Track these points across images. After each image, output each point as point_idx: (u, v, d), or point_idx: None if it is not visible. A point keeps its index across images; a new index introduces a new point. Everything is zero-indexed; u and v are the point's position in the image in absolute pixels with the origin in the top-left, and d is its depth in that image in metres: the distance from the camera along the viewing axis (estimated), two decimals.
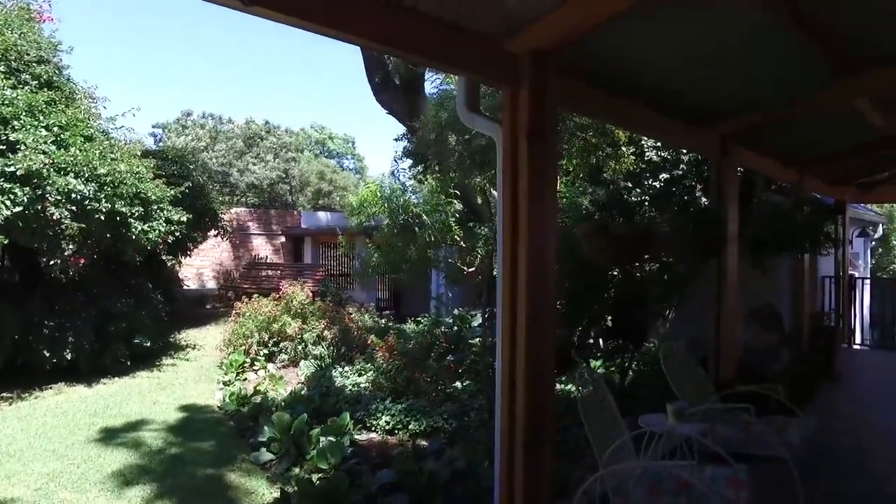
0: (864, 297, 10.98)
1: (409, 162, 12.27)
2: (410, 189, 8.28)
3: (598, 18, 2.61)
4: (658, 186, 7.55)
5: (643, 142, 7.70)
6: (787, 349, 6.67)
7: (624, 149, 5.92)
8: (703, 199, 6.87)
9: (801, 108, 4.54)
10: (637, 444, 4.18)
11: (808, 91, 4.40)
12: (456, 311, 10.26)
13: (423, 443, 5.58)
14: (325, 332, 9.55)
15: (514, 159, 2.81)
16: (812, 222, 6.02)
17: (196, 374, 9.08)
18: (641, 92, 3.93)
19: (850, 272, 9.69)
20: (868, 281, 11.31)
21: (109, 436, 6.13)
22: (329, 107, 67.42)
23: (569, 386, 7.00)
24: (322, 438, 5.25)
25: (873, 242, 14.69)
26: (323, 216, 21.33)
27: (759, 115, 4.65)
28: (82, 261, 9.71)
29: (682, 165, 7.65)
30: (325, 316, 10.06)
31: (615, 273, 5.61)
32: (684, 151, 7.68)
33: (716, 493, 2.83)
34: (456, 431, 5.71)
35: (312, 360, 8.82)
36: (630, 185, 7.52)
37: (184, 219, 9.40)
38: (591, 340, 7.97)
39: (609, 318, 6.65)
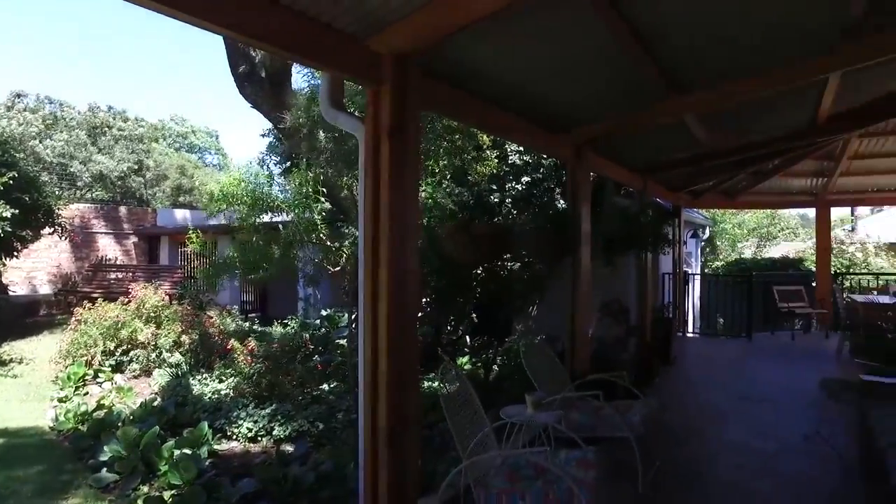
0: (695, 292, 12.38)
1: (276, 158, 11.84)
2: (278, 186, 7.98)
3: (458, 23, 2.68)
4: (520, 189, 7.96)
5: (507, 146, 8.07)
6: (633, 339, 7.34)
7: (488, 152, 6.14)
8: (561, 202, 7.35)
9: (641, 120, 4.99)
10: (500, 435, 4.38)
11: (647, 105, 4.87)
12: (324, 312, 10.05)
13: (289, 448, 5.40)
14: (183, 338, 8.90)
15: (376, 157, 2.81)
16: (654, 224, 6.67)
17: (23, 391, 7.99)
18: (502, 97, 4.12)
19: (684, 269, 10.87)
20: (698, 277, 12.75)
21: None
22: (191, 97, 63.06)
23: (437, 382, 7.14)
24: (176, 452, 4.88)
25: (702, 243, 16.61)
26: (182, 214, 19.81)
27: (606, 125, 5.07)
28: None
29: (542, 169, 8.12)
30: (183, 320, 9.37)
31: (480, 272, 5.83)
32: (545, 156, 8.18)
33: (567, 474, 3.02)
34: (323, 434, 5.60)
35: (168, 369, 8.17)
36: (494, 187, 7.85)
37: (7, 214, 8.26)
38: (459, 337, 8.22)
39: (475, 315, 6.89)
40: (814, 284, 11.03)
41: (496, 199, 7.01)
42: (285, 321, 10.63)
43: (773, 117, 6.64)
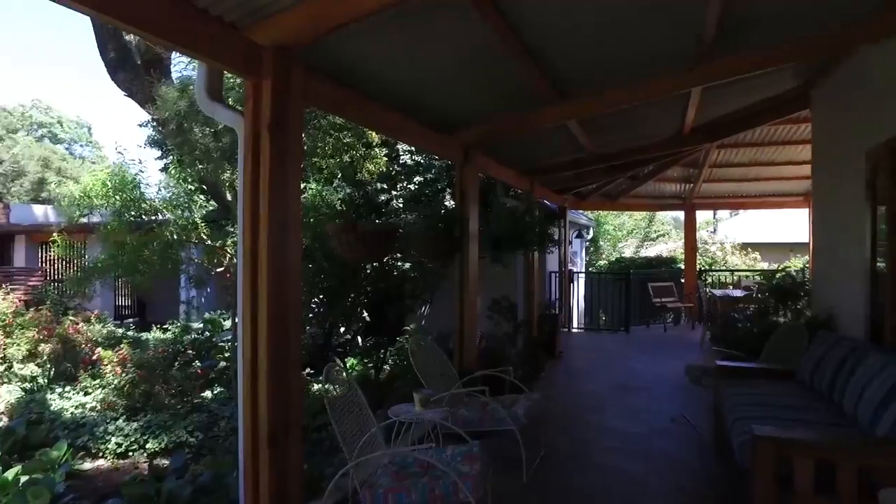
0: (580, 289, 13.08)
1: (157, 153, 10.99)
2: (157, 182, 7.43)
3: (343, 18, 2.64)
4: (412, 189, 8.00)
5: (398, 146, 8.08)
6: (520, 335, 7.62)
7: (377, 150, 6.11)
8: (452, 202, 7.47)
9: (527, 124, 5.19)
10: (389, 434, 4.37)
11: (532, 109, 5.08)
12: (207, 315, 9.52)
13: (164, 461, 5.05)
14: (41, 347, 8.04)
15: (256, 152, 2.69)
16: (541, 224, 6.96)
17: None
18: (390, 97, 4.11)
19: (569, 268, 11.44)
20: (582, 275, 13.48)
21: None
22: (60, 84, 57.26)
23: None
24: (23, 478, 4.35)
25: (587, 243, 17.59)
26: (42, 210, 17.83)
27: (493, 126, 5.21)
28: None
29: (433, 170, 8.21)
30: (42, 328, 8.46)
31: (369, 271, 5.79)
32: (436, 157, 8.27)
33: (453, 469, 3.07)
34: (204, 444, 5.30)
35: (19, 384, 7.33)
36: (384, 186, 7.82)
37: None
38: (351, 338, 8.11)
39: (366, 315, 6.83)
40: (682, 281, 12.04)
41: (385, 198, 6.99)
42: (166, 326, 9.95)
43: (646, 127, 7.17)
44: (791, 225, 17.86)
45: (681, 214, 18.10)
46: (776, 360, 5.23)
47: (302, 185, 6.37)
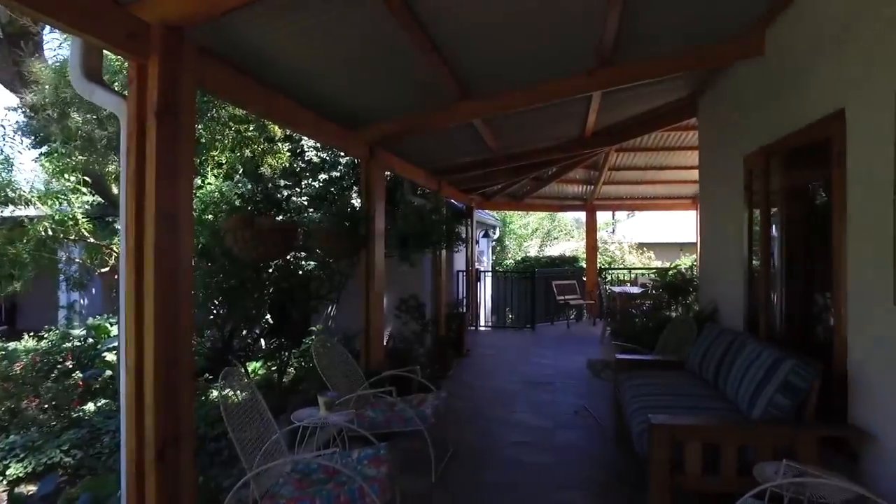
0: (487, 288, 13.30)
1: (29, 140, 9.92)
2: (35, 174, 6.68)
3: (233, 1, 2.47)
4: (317, 186, 7.77)
5: (303, 142, 7.82)
6: (428, 334, 7.61)
7: (280, 145, 5.85)
8: (359, 200, 7.32)
9: (433, 122, 5.17)
10: (294, 440, 4.19)
11: (438, 107, 5.06)
12: (91, 320, 8.74)
13: (31, 488, 4.52)
14: None
15: (142, 140, 2.45)
16: (448, 223, 6.98)
17: None
18: (292, 88, 3.93)
19: (476, 267, 11.60)
20: (489, 274, 13.73)
21: None
22: None
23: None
24: None
25: (493, 242, 17.96)
26: None
27: (399, 124, 5.14)
28: None
29: (339, 167, 8.02)
30: None
31: (273, 271, 5.54)
32: (342, 154, 8.08)
33: (359, 473, 2.97)
34: (83, 463, 4.82)
35: None
36: (288, 182, 7.54)
37: None
38: (254, 340, 7.73)
39: (270, 316, 6.53)
40: (584, 279, 12.56)
41: (286, 195, 6.71)
42: (41, 334, 9.02)
43: (551, 129, 7.39)
44: (681, 226, 19.21)
45: (581, 215, 19.04)
46: (669, 351, 5.55)
47: (200, 181, 5.99)
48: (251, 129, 5.52)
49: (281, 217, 5.96)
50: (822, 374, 3.14)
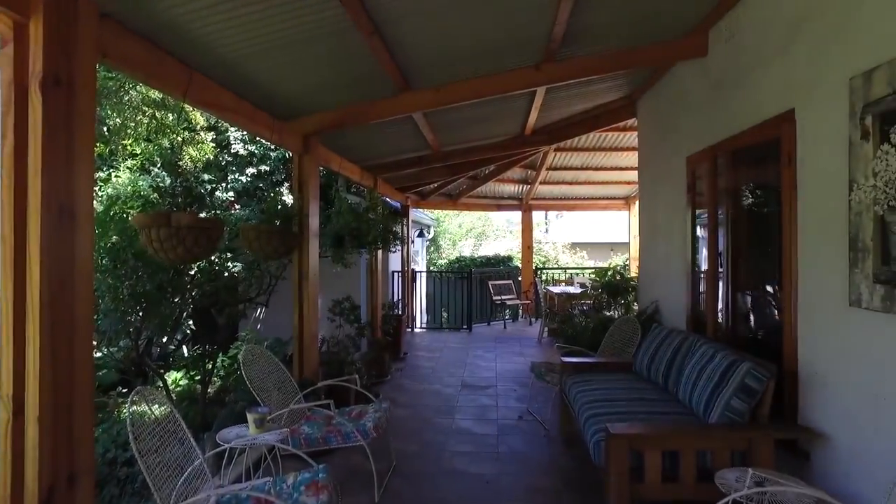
0: (422, 288, 13.05)
1: None
2: None
3: None
4: (244, 181, 7.26)
5: (230, 133, 7.29)
6: (364, 337, 7.26)
7: (203, 134, 5.34)
8: (291, 197, 6.88)
9: (372, 114, 4.85)
10: (220, 462, 3.77)
11: (379, 98, 4.76)
12: None
13: None
14: None
15: (23, 115, 2.02)
16: (384, 222, 6.65)
17: None
18: (216, 69, 3.51)
19: (412, 267, 11.32)
20: (424, 274, 13.47)
21: None
22: None
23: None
24: None
25: (428, 241, 17.74)
26: None
27: (336, 115, 4.80)
28: None
29: (269, 161, 7.54)
30: None
31: (196, 272, 5.05)
32: (272, 147, 7.60)
33: (296, 502, 2.65)
34: None
35: None
36: (212, 177, 7.00)
37: None
38: (175, 348, 7.14)
39: (192, 322, 6.01)
40: (520, 279, 12.54)
41: (210, 189, 6.21)
42: None
43: (492, 126, 7.23)
44: (611, 226, 19.69)
45: (513, 216, 19.22)
46: (612, 352, 5.49)
47: (107, 173, 5.39)
48: (170, 116, 4.99)
49: (204, 214, 5.45)
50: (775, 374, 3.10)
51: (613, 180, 11.08)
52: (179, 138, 5.26)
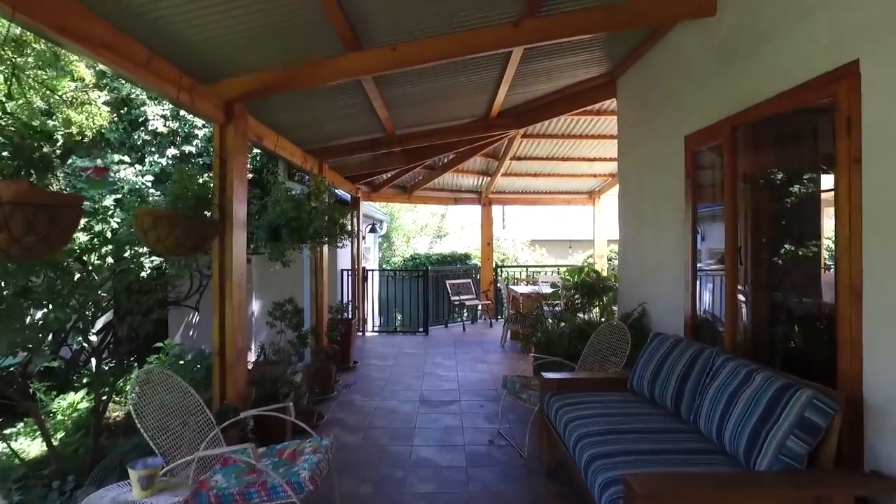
0: (374, 288, 12.10)
1: None
2: None
3: None
4: (164, 164, 6.18)
5: (147, 108, 6.18)
6: (308, 346, 6.30)
7: (96, 93, 4.25)
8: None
9: (316, 74, 3.92)
10: None
11: (320, 57, 3.85)
12: None
13: None
14: None
15: None
16: (331, 214, 5.71)
17: None
18: (117, 7, 2.54)
19: (363, 265, 10.35)
20: (377, 273, 12.51)
21: None
22: None
23: (18, 441, 4.91)
24: None
25: (380, 238, 16.74)
26: None
27: (269, 77, 3.85)
28: None
29: (196, 141, 6.47)
30: None
31: (90, 269, 4.00)
32: (200, 124, 6.52)
33: None
34: None
35: None
36: (126, 158, 5.90)
37: None
38: (83, 361, 5.98)
39: (98, 328, 4.92)
40: (479, 277, 11.74)
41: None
42: None
43: (455, 105, 6.38)
44: (570, 222, 19.16)
45: (469, 211, 18.37)
46: (595, 364, 4.74)
47: None
48: (41, 63, 3.87)
49: (58, 187, 4.34)
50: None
51: (579, 173, 10.42)
52: (60, 95, 4.16)
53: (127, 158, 5.75)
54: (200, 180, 3.64)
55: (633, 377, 3.81)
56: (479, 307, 11.39)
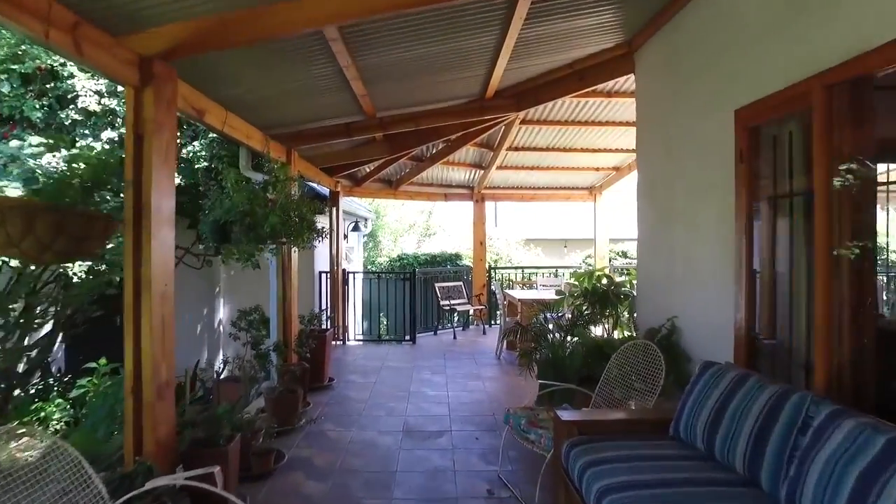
0: (357, 291, 11.15)
1: None
2: None
3: None
4: (100, 147, 5.20)
5: (77, 80, 5.19)
6: (271, 366, 5.35)
7: None
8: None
9: (261, 24, 2.98)
10: None
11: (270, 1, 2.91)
12: None
13: None
14: None
15: None
16: (298, 206, 4.76)
17: None
18: None
19: (343, 267, 9.39)
20: (360, 275, 11.56)
21: None
22: None
23: None
24: None
25: (365, 237, 15.76)
26: None
27: (201, 25, 2.91)
28: None
29: None
30: None
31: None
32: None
33: None
34: None
35: None
36: (50, 141, 4.91)
37: None
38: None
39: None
40: (470, 279, 10.82)
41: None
42: None
43: (443, 84, 5.45)
44: (566, 219, 18.26)
45: (460, 208, 17.38)
46: (619, 392, 3.84)
47: None
48: None
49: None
50: None
51: (581, 166, 9.51)
52: None
53: (49, 142, 4.77)
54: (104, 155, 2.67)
55: (680, 421, 2.89)
56: (472, 312, 10.47)
